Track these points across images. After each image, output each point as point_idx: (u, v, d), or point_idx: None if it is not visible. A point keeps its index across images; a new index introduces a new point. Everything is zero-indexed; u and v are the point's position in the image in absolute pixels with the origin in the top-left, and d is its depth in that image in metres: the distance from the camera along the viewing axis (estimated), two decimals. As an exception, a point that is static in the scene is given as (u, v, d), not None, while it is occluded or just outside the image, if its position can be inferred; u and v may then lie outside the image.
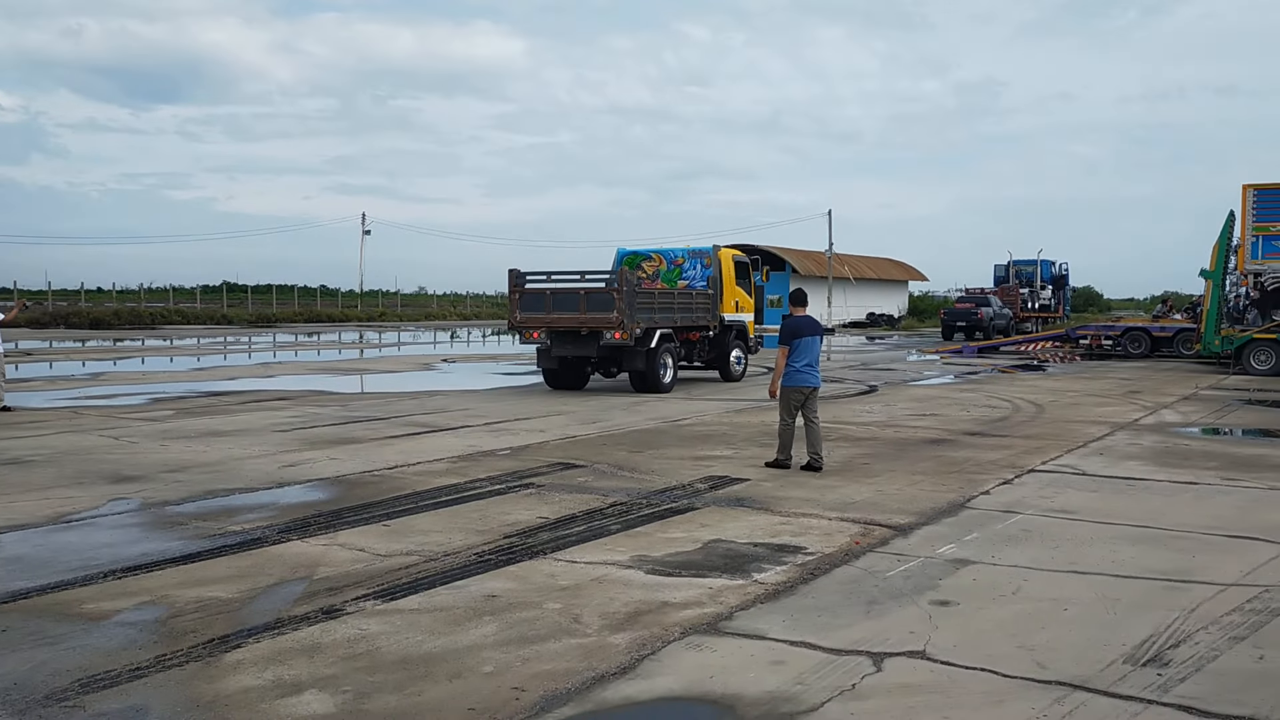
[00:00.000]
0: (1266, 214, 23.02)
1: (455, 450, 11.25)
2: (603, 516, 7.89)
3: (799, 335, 10.32)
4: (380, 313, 71.07)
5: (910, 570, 6.38)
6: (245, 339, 43.34)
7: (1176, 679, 4.52)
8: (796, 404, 10.29)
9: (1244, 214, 23.28)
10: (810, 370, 10.34)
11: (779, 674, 4.58)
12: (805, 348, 10.30)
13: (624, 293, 17.55)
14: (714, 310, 20.31)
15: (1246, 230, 23.19)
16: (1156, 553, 6.82)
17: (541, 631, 5.17)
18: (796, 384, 10.29)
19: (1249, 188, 23.32)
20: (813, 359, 10.35)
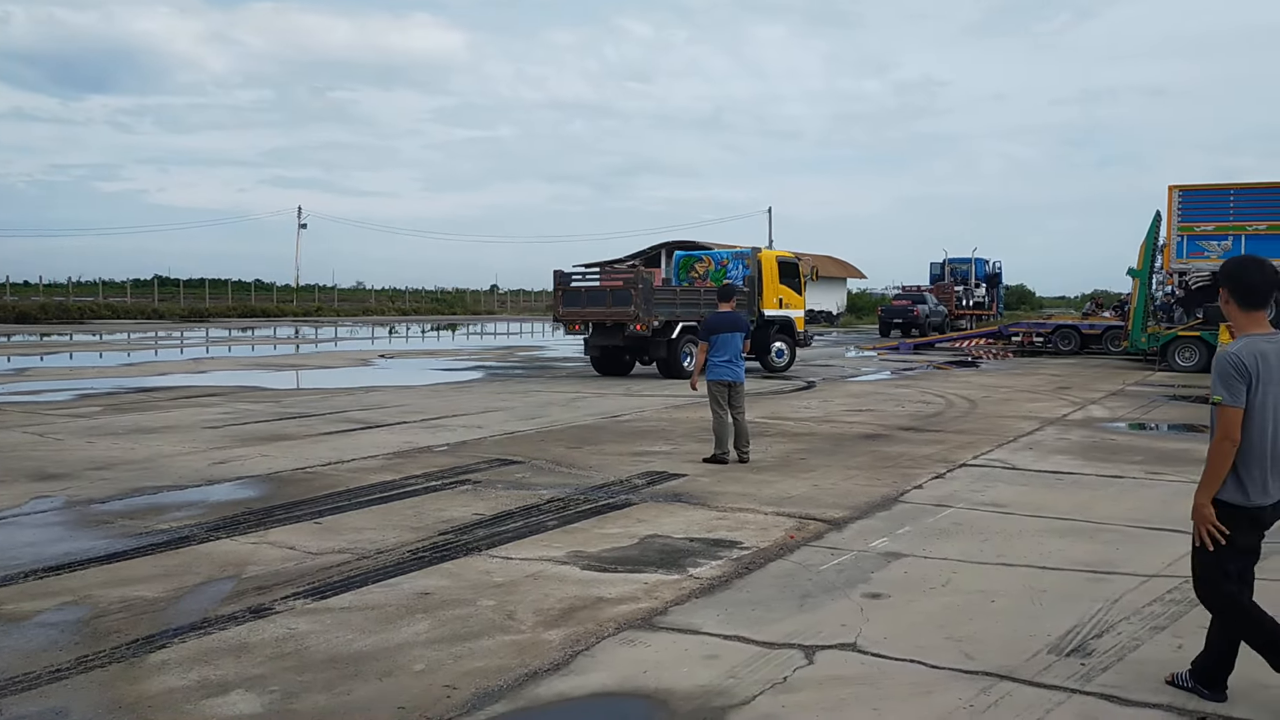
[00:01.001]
0: (1191, 215, 23.66)
1: (391, 447, 11.13)
2: (540, 513, 7.86)
3: (716, 331, 10.47)
4: (317, 308, 70.13)
5: (843, 564, 6.44)
6: (177, 334, 42.47)
7: (1099, 668, 4.63)
8: (723, 398, 10.38)
9: (1170, 214, 23.90)
10: (730, 365, 10.46)
11: (712, 668, 4.60)
12: (724, 343, 10.44)
13: (640, 289, 20.15)
14: (753, 307, 21.98)
15: (1172, 230, 23.81)
16: (1082, 545, 6.98)
17: (475, 629, 5.14)
18: (716, 378, 10.43)
19: (1175, 189, 23.94)
20: (733, 354, 10.48)
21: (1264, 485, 4.05)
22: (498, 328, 56.94)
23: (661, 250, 62.53)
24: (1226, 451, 3.99)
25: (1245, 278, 4.18)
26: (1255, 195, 23.48)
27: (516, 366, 25.38)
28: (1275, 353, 4.05)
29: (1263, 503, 4.06)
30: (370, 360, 27.42)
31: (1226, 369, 4.01)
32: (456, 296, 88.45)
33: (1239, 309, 4.19)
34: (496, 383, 20.25)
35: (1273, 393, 4.03)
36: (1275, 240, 22.56)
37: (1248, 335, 4.12)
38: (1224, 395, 4.00)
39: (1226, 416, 3.99)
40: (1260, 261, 4.28)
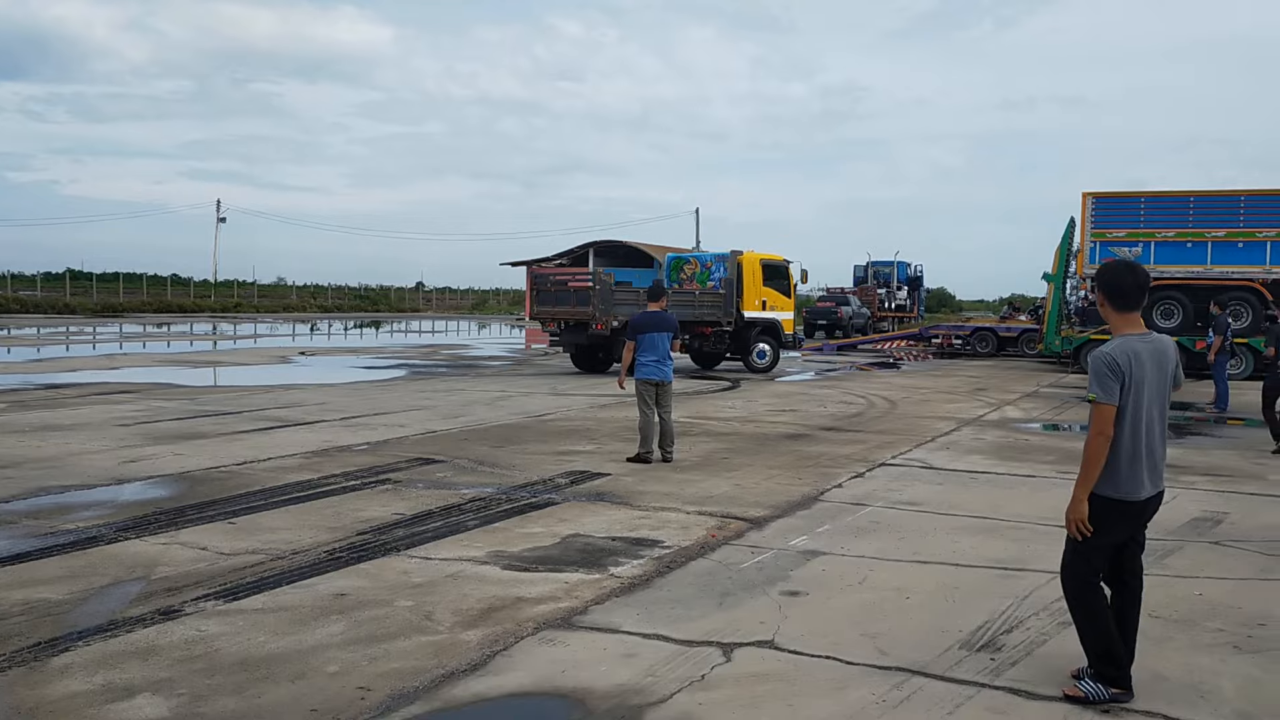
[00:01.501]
0: (1104, 221, 24.34)
1: (309, 445, 10.94)
2: (460, 512, 7.79)
3: (643, 331, 10.51)
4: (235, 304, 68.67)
5: (763, 562, 6.50)
6: (89, 329, 41.22)
7: (1008, 663, 4.73)
8: (650, 397, 10.41)
9: (1083, 221, 24.56)
10: (657, 365, 10.49)
11: (630, 667, 4.60)
12: (650, 343, 10.45)
13: (598, 291, 20.72)
14: (727, 308, 22.75)
15: (1085, 236, 24.47)
16: (994, 542, 7.14)
17: (391, 630, 5.07)
18: (644, 377, 10.45)
19: (1088, 195, 24.62)
20: (660, 354, 10.50)
21: (1139, 480, 4.23)
22: (423, 325, 56.33)
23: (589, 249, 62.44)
24: (1100, 447, 4.17)
25: (1117, 281, 4.37)
26: (1164, 203, 24.26)
27: (441, 365, 25.13)
28: (1148, 352, 4.24)
29: (1138, 496, 4.24)
30: (290, 357, 26.92)
31: (1101, 368, 4.19)
32: (381, 294, 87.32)
33: (1113, 311, 4.39)
34: (420, 381, 20.03)
35: (1146, 391, 4.22)
36: (1182, 246, 23.40)
37: (1122, 335, 4.30)
38: (1098, 393, 4.18)
39: (1101, 413, 4.17)
40: (1131, 265, 4.48)
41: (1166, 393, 4.34)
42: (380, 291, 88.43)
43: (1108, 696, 4.23)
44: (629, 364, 10.73)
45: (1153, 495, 4.32)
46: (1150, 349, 4.26)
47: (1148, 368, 4.22)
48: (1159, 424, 4.32)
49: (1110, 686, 4.26)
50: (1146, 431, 4.24)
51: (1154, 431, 4.28)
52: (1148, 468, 4.25)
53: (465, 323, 62.81)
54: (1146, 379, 4.22)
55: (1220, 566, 6.56)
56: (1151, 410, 4.26)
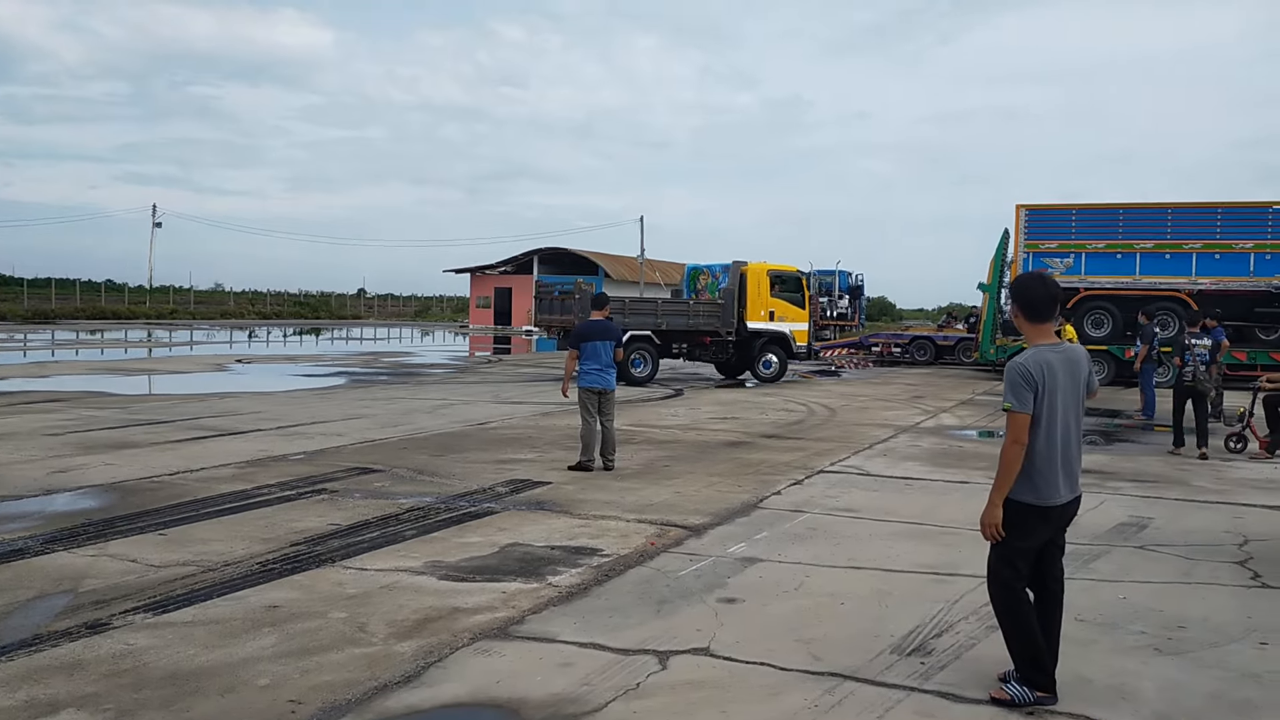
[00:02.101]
0: (1037, 233, 24.85)
1: (244, 455, 10.77)
2: (398, 522, 7.73)
3: (585, 339, 10.54)
4: (171, 310, 67.34)
5: (701, 569, 6.54)
6: (19, 336, 40.16)
7: (937, 667, 4.82)
8: (593, 405, 10.42)
9: (1017, 232, 25.05)
10: (599, 373, 10.50)
11: (566, 676, 4.60)
12: (592, 351, 10.47)
13: (576, 300, 21.75)
14: (726, 318, 22.96)
15: (1019, 247, 24.95)
16: (927, 548, 7.25)
17: (324, 642, 5.02)
18: (587, 385, 10.47)
19: (1021, 207, 25.12)
20: (602, 363, 10.51)
21: (1055, 485, 4.37)
22: (364, 333, 55.74)
23: (534, 256, 62.35)
24: (1016, 454, 4.30)
25: (1029, 293, 4.50)
26: (1095, 215, 24.83)
27: (382, 372, 24.89)
28: (1061, 361, 4.38)
29: (1055, 501, 4.37)
30: (226, 365, 26.49)
31: (1015, 378, 4.33)
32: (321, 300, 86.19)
33: (1027, 322, 4.53)
34: (360, 389, 19.82)
35: (1060, 399, 4.36)
36: (1112, 258, 23.97)
37: (1036, 346, 4.44)
38: (1013, 402, 4.32)
39: (1016, 421, 4.31)
40: (1043, 277, 4.62)
41: (1080, 400, 4.48)
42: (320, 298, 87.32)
43: (1033, 699, 4.33)
44: (570, 372, 10.76)
45: (1070, 500, 4.45)
46: (1063, 358, 4.40)
47: (1060, 377, 4.35)
48: (1074, 430, 4.45)
49: (1035, 690, 4.35)
50: (1062, 438, 4.37)
51: (1069, 438, 4.41)
52: (1064, 473, 4.38)
53: (408, 330, 62.26)
54: (1060, 387, 4.35)
55: (1144, 570, 6.73)
56: (1067, 417, 4.39)
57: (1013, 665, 4.46)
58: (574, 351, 10.62)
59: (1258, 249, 22.78)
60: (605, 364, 10.54)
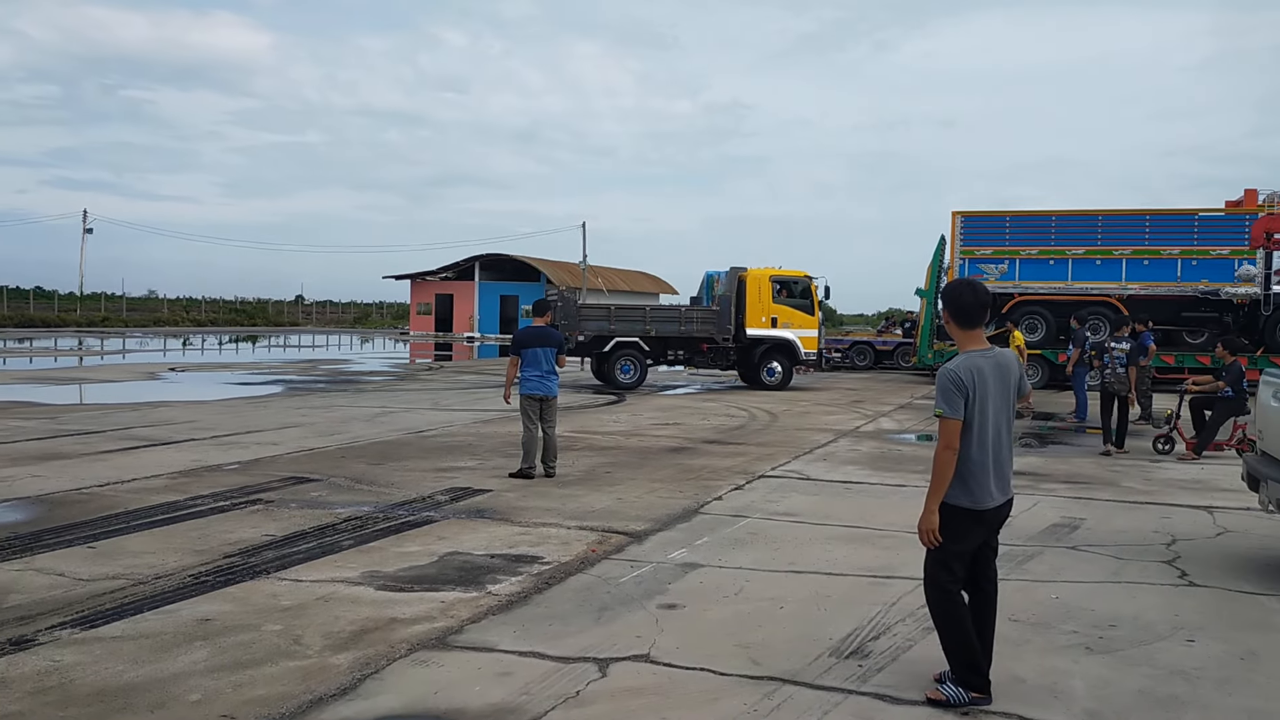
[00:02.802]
0: (972, 239, 25.28)
1: (177, 465, 10.55)
2: (335, 532, 7.62)
3: (525, 345, 10.50)
4: (103, 318, 65.85)
5: (642, 576, 6.54)
6: (-60, 344, 38.93)
7: (875, 669, 4.87)
8: (534, 412, 10.38)
9: (953, 238, 25.46)
10: (540, 379, 10.46)
11: (505, 685, 4.57)
12: (533, 358, 10.43)
13: (558, 307, 21.68)
14: (722, 324, 22.99)
15: (955, 253, 25.36)
16: (866, 551, 7.33)
17: (258, 655, 4.92)
18: (528, 392, 10.43)
19: (958, 214, 25.54)
20: (543, 369, 10.47)
21: (988, 489, 4.44)
22: (302, 340, 54.95)
23: (475, 262, 61.98)
24: (948, 460, 4.36)
25: (960, 300, 4.59)
26: (1028, 222, 25.33)
27: (320, 380, 24.55)
28: (991, 366, 4.46)
29: (987, 505, 4.45)
30: (159, 374, 25.94)
31: (946, 384, 4.40)
32: (258, 307, 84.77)
33: (957, 328, 4.61)
34: (297, 397, 19.52)
35: (991, 404, 4.43)
36: (1045, 264, 24.46)
37: (966, 352, 4.52)
38: (945, 408, 4.38)
39: (948, 427, 4.37)
40: (973, 284, 4.70)
41: (1011, 404, 4.56)
42: (257, 305, 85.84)
43: (968, 700, 4.39)
44: (512, 379, 10.71)
45: (1002, 503, 4.52)
46: (992, 363, 4.47)
47: (991, 382, 4.43)
48: (1005, 434, 4.53)
49: (970, 690, 4.41)
50: (994, 442, 4.44)
51: (1000, 442, 4.48)
52: (996, 476, 4.45)
53: (347, 337, 61.50)
54: (990, 392, 4.42)
55: (1076, 570, 6.86)
56: (998, 421, 4.46)
57: (948, 666, 4.52)
58: (515, 358, 10.56)
59: (1184, 255, 23.41)
60: (546, 371, 10.49)
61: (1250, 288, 22.58)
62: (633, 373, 22.76)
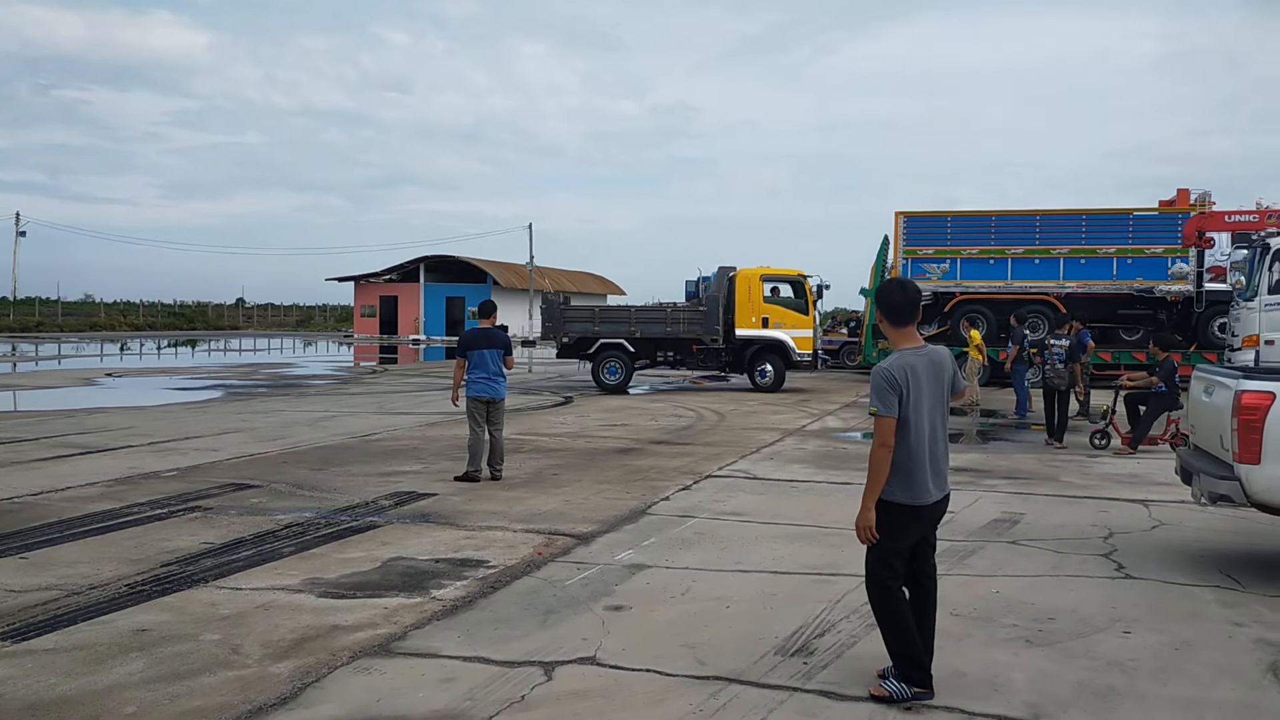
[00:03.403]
0: (914, 239, 25.55)
1: (113, 473, 10.32)
2: (275, 539, 7.50)
3: (471, 348, 10.44)
4: (37, 323, 64.32)
5: (589, 578, 6.51)
6: None
7: (820, 666, 4.90)
8: (480, 415, 10.31)
9: (896, 238, 25.71)
10: (486, 382, 10.39)
11: (449, 692, 4.52)
12: (479, 360, 10.37)
13: (544, 310, 23.40)
14: (710, 325, 22.58)
15: (898, 253, 25.62)
16: (811, 549, 7.37)
17: (195, 665, 4.83)
18: (474, 394, 10.36)
19: (900, 214, 25.80)
20: (489, 371, 10.41)
21: (925, 485, 4.49)
22: (243, 344, 54.06)
23: (420, 264, 61.46)
24: (884, 457, 4.40)
25: (891, 299, 4.66)
26: (969, 222, 25.67)
27: (261, 384, 24.18)
28: (924, 364, 4.52)
29: (924, 501, 4.50)
30: (95, 379, 25.38)
31: (880, 382, 4.44)
32: (198, 310, 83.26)
33: (890, 326, 4.68)
34: (237, 402, 19.21)
35: (925, 401, 4.48)
36: (985, 263, 24.81)
37: (899, 350, 4.58)
38: (879, 406, 4.42)
39: (883, 425, 4.41)
40: (904, 283, 4.77)
41: (945, 401, 4.62)
42: (197, 308, 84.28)
43: (910, 695, 4.43)
44: (459, 381, 10.62)
45: (939, 499, 4.58)
46: (925, 361, 4.53)
47: (924, 379, 4.48)
48: (940, 431, 4.58)
49: (912, 685, 4.46)
50: (930, 438, 4.49)
51: (936, 438, 4.53)
52: (932, 473, 4.51)
53: (289, 340, 60.65)
54: (924, 390, 4.48)
55: (1016, 565, 6.97)
56: (933, 418, 4.52)
57: (891, 662, 4.55)
58: (461, 360, 10.48)
59: (1120, 254, 23.89)
60: (493, 373, 10.42)
61: (1183, 285, 23.08)
62: (617, 375, 22.64)
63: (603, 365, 22.79)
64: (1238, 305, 18.56)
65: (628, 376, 22.91)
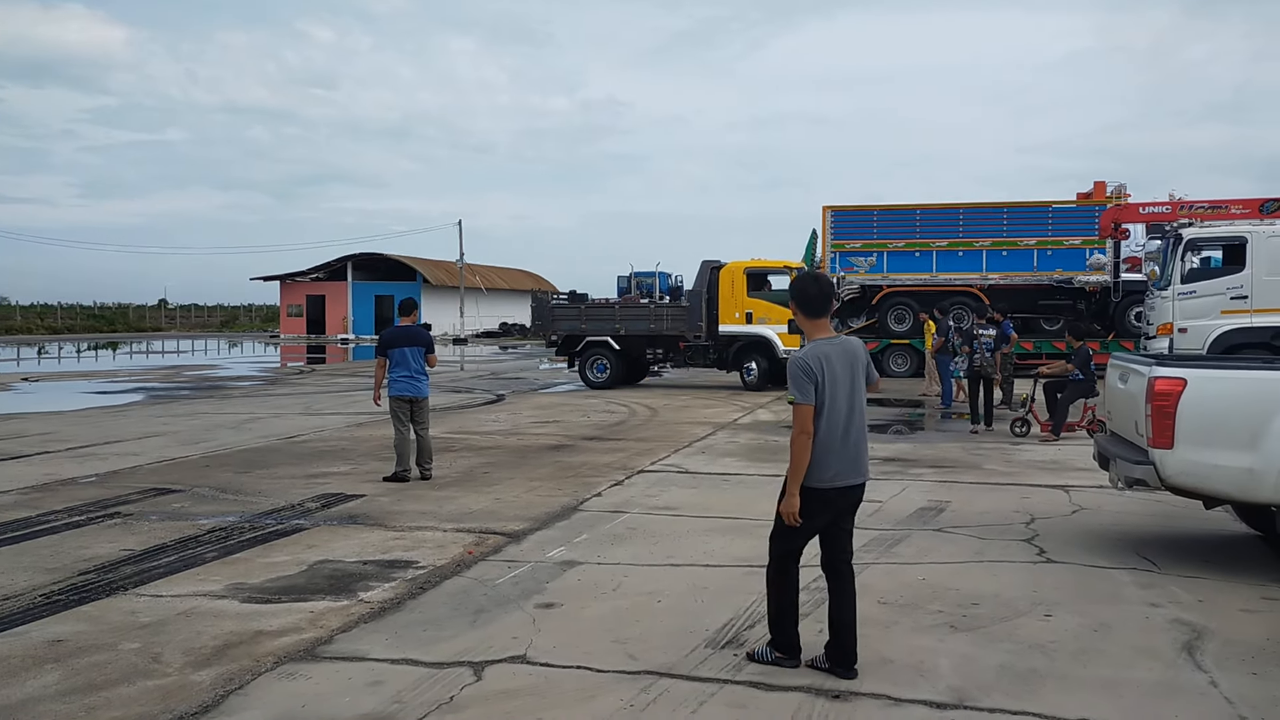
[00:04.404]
0: (842, 233, 25.86)
1: (28, 479, 10.00)
2: (198, 544, 7.33)
3: (392, 346, 10.34)
4: (-53, 327, 62.09)
5: (520, 576, 6.48)
6: None
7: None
8: (405, 414, 10.21)
9: (824, 232, 26.00)
10: (409, 380, 10.30)
11: (376, 695, 4.46)
12: (401, 358, 10.28)
13: (534, 308, 23.69)
14: (693, 321, 21.97)
15: (826, 247, 25.92)
16: (743, 541, 7.41)
17: (114, 676, 4.70)
18: (397, 394, 10.27)
19: (828, 209, 26.10)
20: (411, 369, 10.30)
21: (839, 470, 4.65)
22: (166, 346, 52.78)
23: (347, 262, 60.59)
24: (804, 444, 4.57)
25: (804, 291, 4.81)
26: (894, 216, 26.04)
27: (184, 387, 23.62)
28: (838, 353, 4.68)
29: (838, 485, 4.66)
30: (11, 384, 24.58)
31: (796, 372, 4.60)
32: (119, 312, 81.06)
33: (805, 318, 4.83)
34: (159, 405, 18.75)
35: (840, 388, 4.64)
36: (911, 256, 25.21)
37: (814, 340, 4.74)
38: (797, 395, 4.58)
39: (801, 413, 4.58)
40: (816, 276, 4.93)
41: (860, 390, 4.75)
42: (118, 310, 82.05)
43: (772, 658, 4.78)
44: (380, 380, 10.50)
45: (855, 484, 4.72)
46: (839, 350, 4.68)
47: (838, 368, 4.63)
48: (857, 417, 4.71)
49: (777, 650, 4.78)
50: (844, 425, 4.63)
51: (852, 424, 4.67)
52: (847, 458, 4.65)
53: (214, 342, 59.37)
54: (838, 378, 4.62)
55: (942, 552, 7.09)
56: (850, 405, 4.66)
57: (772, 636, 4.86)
58: (383, 359, 10.36)
59: (1040, 245, 24.43)
60: (415, 371, 10.32)
61: (1101, 276, 23.68)
62: (605, 372, 22.27)
63: (590, 363, 22.38)
64: (1152, 295, 19.08)
65: (614, 374, 22.29)
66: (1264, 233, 17.49)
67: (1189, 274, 17.81)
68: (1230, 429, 6.32)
